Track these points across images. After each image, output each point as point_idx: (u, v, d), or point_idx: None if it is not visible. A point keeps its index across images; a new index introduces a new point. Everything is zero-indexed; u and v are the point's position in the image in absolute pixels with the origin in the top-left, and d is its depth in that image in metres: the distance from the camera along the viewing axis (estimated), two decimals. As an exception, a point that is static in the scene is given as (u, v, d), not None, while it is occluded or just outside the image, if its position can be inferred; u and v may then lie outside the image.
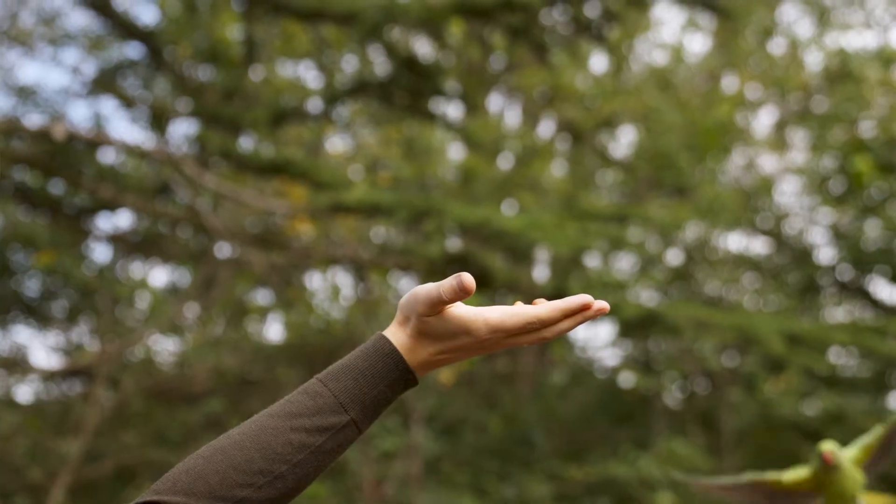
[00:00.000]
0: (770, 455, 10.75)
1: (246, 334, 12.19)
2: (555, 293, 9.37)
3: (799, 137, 12.73)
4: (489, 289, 9.62)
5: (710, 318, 8.85)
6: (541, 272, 11.89)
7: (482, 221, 8.65)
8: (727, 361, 10.97)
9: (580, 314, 1.60)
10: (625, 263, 11.90)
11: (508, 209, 11.38)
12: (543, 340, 1.61)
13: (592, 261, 11.58)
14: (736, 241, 12.23)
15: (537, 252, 11.12)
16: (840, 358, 11.16)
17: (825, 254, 11.83)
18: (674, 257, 11.99)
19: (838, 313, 12.14)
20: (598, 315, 1.61)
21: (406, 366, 1.59)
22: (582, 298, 1.59)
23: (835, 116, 11.41)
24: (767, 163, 12.62)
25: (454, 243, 10.09)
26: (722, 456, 10.50)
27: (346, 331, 10.89)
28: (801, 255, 11.82)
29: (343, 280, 12.02)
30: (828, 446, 2.65)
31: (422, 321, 1.58)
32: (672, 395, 11.90)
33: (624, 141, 13.16)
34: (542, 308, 1.59)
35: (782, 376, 10.30)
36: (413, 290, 1.60)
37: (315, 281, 12.28)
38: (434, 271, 9.55)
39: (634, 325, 8.99)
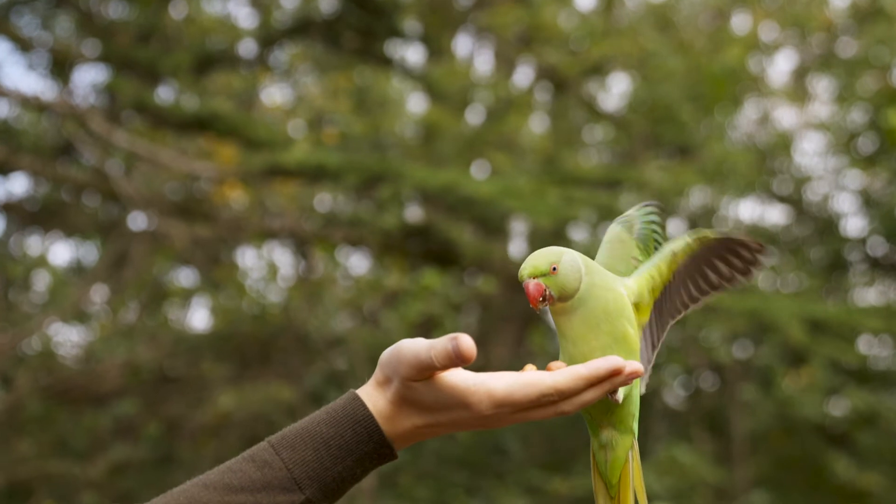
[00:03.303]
0: (789, 463, 10.71)
1: (165, 322, 12.12)
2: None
3: (822, 86, 12.85)
4: (456, 266, 9.57)
5: (719, 301, 8.74)
6: (517, 247, 11.86)
7: (447, 187, 8.68)
8: (739, 353, 11.00)
9: (608, 381, 1.52)
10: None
11: (479, 172, 11.33)
12: (562, 414, 1.53)
13: (578, 234, 11.56)
14: (749, 210, 12.38)
15: (513, 223, 11.04)
16: (872, 348, 11.16)
17: (854, 224, 11.96)
18: (675, 228, 11.91)
19: (869, 295, 12.29)
20: (631, 380, 1.54)
21: (382, 437, 1.48)
22: (611, 362, 1.50)
23: (864, 62, 11.54)
24: (785, 116, 12.79)
25: (414, 213, 10.08)
26: (733, 465, 10.43)
27: (285, 317, 10.80)
28: (826, 225, 11.91)
29: (281, 257, 12.08)
30: (530, 265, 1.69)
31: (406, 386, 1.47)
32: (674, 393, 11.86)
33: (616, 91, 13.31)
34: (561, 376, 1.50)
35: (804, 370, 10.26)
36: (397, 346, 1.50)
37: (248, 258, 12.30)
38: (390, 246, 9.58)
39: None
